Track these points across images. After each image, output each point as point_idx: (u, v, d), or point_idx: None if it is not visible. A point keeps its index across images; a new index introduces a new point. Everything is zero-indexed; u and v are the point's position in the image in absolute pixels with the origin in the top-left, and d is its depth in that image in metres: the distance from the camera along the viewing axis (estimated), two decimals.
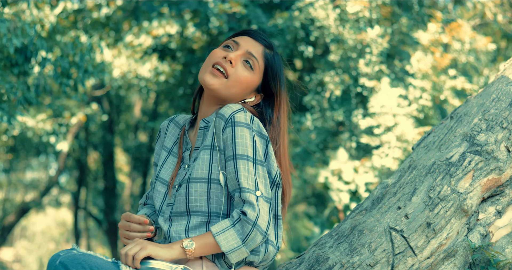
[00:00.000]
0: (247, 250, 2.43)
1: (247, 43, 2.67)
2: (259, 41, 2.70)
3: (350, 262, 2.74)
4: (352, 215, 3.01)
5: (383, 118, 8.10)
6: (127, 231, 2.58)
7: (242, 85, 2.63)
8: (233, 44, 2.67)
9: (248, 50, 2.64)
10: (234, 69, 2.60)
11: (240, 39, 2.69)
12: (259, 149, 2.49)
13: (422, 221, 2.78)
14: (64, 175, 21.04)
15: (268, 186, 2.48)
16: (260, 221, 2.40)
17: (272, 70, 2.69)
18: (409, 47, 8.97)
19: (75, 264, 2.32)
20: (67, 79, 6.65)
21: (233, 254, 2.43)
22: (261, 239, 2.43)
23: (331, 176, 8.38)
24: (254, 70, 2.64)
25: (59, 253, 2.38)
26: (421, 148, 3.13)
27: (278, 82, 2.71)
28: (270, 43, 2.73)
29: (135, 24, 11.05)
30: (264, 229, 2.41)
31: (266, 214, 2.42)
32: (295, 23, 8.80)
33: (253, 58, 2.64)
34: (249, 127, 2.48)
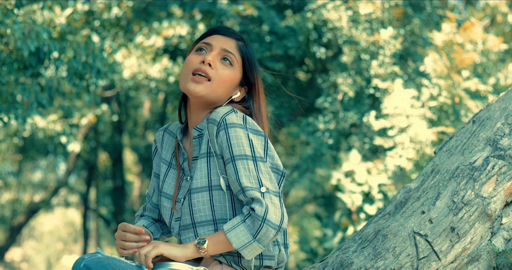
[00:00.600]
0: (260, 245, 2.40)
1: (219, 41, 2.63)
2: (230, 36, 2.66)
3: (374, 267, 2.74)
4: (375, 220, 3.01)
5: (396, 119, 8.10)
6: (123, 241, 2.54)
7: (227, 84, 2.60)
8: (205, 46, 2.63)
9: (222, 47, 2.61)
10: (214, 71, 2.56)
11: (211, 39, 2.64)
12: (256, 146, 2.45)
13: (446, 226, 2.78)
14: (73, 176, 21.08)
15: (274, 180, 2.44)
16: (269, 215, 2.36)
17: (249, 61, 2.66)
18: (422, 48, 8.97)
19: (100, 268, 2.32)
20: (80, 80, 6.66)
21: (245, 250, 2.41)
22: (275, 234, 2.39)
23: (343, 178, 8.37)
24: (233, 66, 2.61)
25: (84, 256, 2.39)
26: (444, 152, 3.13)
27: (255, 72, 2.68)
28: (240, 35, 2.70)
29: (145, 24, 11.07)
30: (277, 223, 2.37)
31: (277, 208, 2.39)
32: (308, 24, 8.81)
33: (230, 54, 2.60)
34: (243, 126, 2.45)
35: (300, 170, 9.85)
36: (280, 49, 9.54)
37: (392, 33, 8.41)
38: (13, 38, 5.96)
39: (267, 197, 2.38)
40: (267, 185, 2.40)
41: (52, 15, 7.98)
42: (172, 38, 10.41)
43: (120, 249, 2.54)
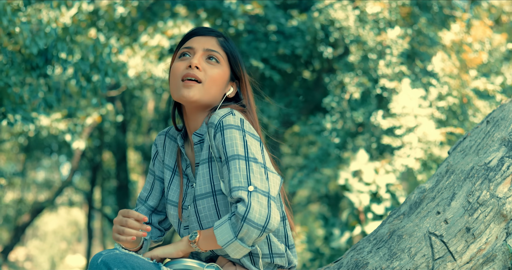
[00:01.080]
0: (243, 244, 2.34)
1: (200, 42, 2.59)
2: (209, 35, 2.63)
3: (390, 267, 2.74)
4: (389, 220, 3.00)
5: (404, 119, 8.10)
6: (122, 226, 2.44)
7: (218, 82, 2.57)
8: (187, 50, 2.59)
9: (204, 47, 2.57)
10: (203, 72, 2.53)
11: (191, 42, 2.61)
12: (251, 147, 2.40)
13: (461, 226, 2.78)
14: (77, 175, 21.10)
15: (265, 181, 2.37)
16: (251, 215, 2.28)
17: (233, 56, 2.63)
18: (429, 48, 8.97)
19: (117, 263, 2.32)
20: (88, 82, 6.67)
21: (228, 248, 2.36)
22: (258, 234, 2.31)
23: (351, 177, 8.37)
24: (220, 63, 2.58)
25: (101, 252, 2.38)
26: (458, 152, 3.13)
27: (240, 65, 2.65)
28: (219, 32, 2.66)
29: (150, 24, 11.08)
30: (260, 223, 2.29)
31: (263, 208, 2.31)
32: (315, 24, 8.82)
33: (214, 52, 2.57)
34: (239, 128, 2.41)
35: (307, 169, 9.85)
36: (287, 49, 9.55)
37: (400, 32, 8.41)
38: (21, 37, 5.97)
39: (254, 196, 2.31)
40: (256, 184, 2.33)
41: (58, 14, 7.99)
42: (177, 37, 10.41)
43: (117, 235, 2.44)
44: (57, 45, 6.32)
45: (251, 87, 2.72)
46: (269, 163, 2.47)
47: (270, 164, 2.48)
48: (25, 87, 6.45)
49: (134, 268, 2.34)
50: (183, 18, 10.40)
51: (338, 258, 2.99)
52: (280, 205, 2.56)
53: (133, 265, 2.34)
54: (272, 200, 2.35)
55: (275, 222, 2.32)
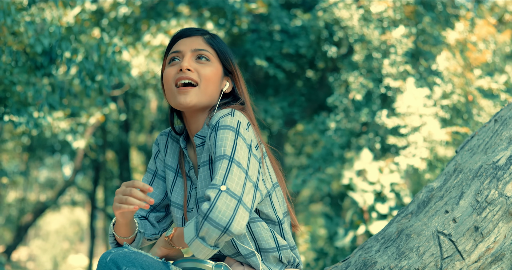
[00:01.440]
0: (204, 243, 2.29)
1: (186, 44, 2.57)
2: (194, 34, 2.60)
3: (398, 266, 2.73)
4: (397, 219, 3.00)
5: (409, 118, 8.10)
6: (126, 196, 2.35)
7: (213, 80, 2.54)
8: (176, 54, 2.56)
9: (192, 48, 2.54)
10: (196, 73, 2.51)
11: (178, 46, 2.58)
12: (239, 150, 2.35)
13: (470, 225, 2.77)
14: (80, 175, 21.12)
15: (241, 185, 2.30)
16: (213, 214, 2.23)
17: (221, 51, 2.59)
18: (433, 47, 8.97)
19: (126, 262, 2.31)
20: (92, 82, 6.67)
21: (192, 247, 2.33)
22: (219, 234, 2.25)
23: (355, 176, 8.37)
24: (211, 60, 2.55)
25: (110, 250, 2.37)
26: (466, 151, 3.12)
27: (230, 60, 2.62)
28: (204, 30, 2.64)
29: (153, 23, 11.08)
30: (222, 224, 2.23)
31: (229, 209, 2.25)
32: (319, 23, 8.82)
33: (202, 51, 2.54)
34: (234, 129, 2.37)
35: (311, 169, 9.85)
36: (291, 48, 9.55)
37: (404, 31, 8.41)
38: (26, 35, 5.97)
39: (222, 196, 2.26)
40: (230, 186, 2.28)
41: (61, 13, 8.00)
42: None
43: (118, 204, 2.36)
44: (62, 45, 6.32)
45: (243, 80, 2.68)
46: (253, 172, 2.39)
47: (255, 174, 2.40)
48: (30, 86, 6.44)
49: (143, 266, 2.33)
50: (186, 17, 10.40)
51: (346, 257, 2.98)
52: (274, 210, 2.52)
53: (142, 264, 2.33)
54: (242, 205, 2.28)
55: (238, 226, 2.26)
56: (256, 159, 2.42)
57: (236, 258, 2.54)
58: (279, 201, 2.56)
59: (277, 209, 2.53)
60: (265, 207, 2.50)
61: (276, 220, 2.52)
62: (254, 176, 2.38)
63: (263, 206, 2.49)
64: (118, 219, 2.46)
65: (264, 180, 2.48)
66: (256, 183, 2.38)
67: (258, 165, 2.42)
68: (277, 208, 2.53)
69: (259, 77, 10.99)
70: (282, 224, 2.55)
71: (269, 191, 2.50)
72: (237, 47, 10.51)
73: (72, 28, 6.79)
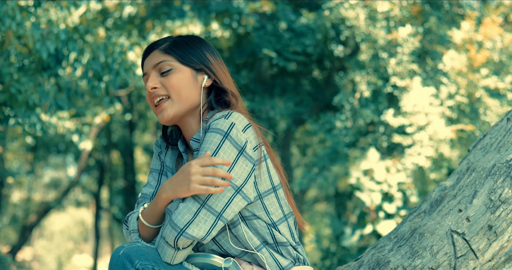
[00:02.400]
0: (166, 244, 2.33)
1: (148, 63, 2.56)
2: (152, 50, 2.57)
3: (412, 266, 2.73)
4: (410, 218, 3.00)
5: (415, 117, 8.09)
6: (208, 176, 2.31)
7: (183, 85, 2.51)
8: (145, 77, 2.57)
9: (151, 65, 2.53)
10: (162, 87, 2.50)
11: (144, 67, 2.58)
12: (221, 154, 2.33)
13: (483, 224, 2.77)
14: (84, 175, 21.14)
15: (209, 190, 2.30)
16: (174, 216, 2.30)
17: (181, 54, 2.54)
18: (440, 46, 8.96)
19: (139, 256, 2.32)
20: (99, 82, 6.67)
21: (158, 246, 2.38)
22: (175, 235, 2.28)
23: (362, 176, 8.36)
24: (174, 67, 2.51)
25: (123, 245, 2.38)
26: (478, 150, 3.11)
27: (194, 57, 2.56)
28: (159, 43, 2.59)
29: (159, 23, 11.09)
30: (180, 226, 2.28)
31: (189, 212, 2.29)
32: (326, 22, 8.82)
33: (160, 63, 2.52)
34: (222, 132, 2.35)
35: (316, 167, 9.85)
36: (298, 46, 9.55)
37: (411, 30, 8.40)
38: (32, 40, 5.97)
39: (187, 200, 2.31)
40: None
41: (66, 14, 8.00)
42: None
43: (198, 186, 2.30)
44: (68, 45, 6.32)
45: (221, 67, 2.61)
46: (239, 175, 2.37)
47: (240, 177, 2.38)
48: (36, 88, 6.44)
49: (156, 261, 2.35)
50: (191, 17, 10.41)
51: (359, 256, 2.98)
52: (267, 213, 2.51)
53: (155, 258, 2.35)
54: (206, 210, 2.31)
55: (197, 229, 2.29)
56: (250, 161, 2.40)
57: (244, 257, 2.54)
58: (280, 203, 2.54)
59: (271, 211, 2.51)
60: (257, 210, 2.48)
61: (270, 222, 2.51)
62: (239, 180, 2.37)
63: (255, 209, 2.48)
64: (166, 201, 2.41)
65: (257, 183, 2.46)
66: (239, 186, 2.38)
67: (251, 167, 2.41)
68: (272, 210, 2.51)
69: (266, 77, 11.00)
70: (277, 226, 2.52)
71: (261, 194, 2.48)
72: (243, 46, 10.51)
73: (78, 29, 6.79)
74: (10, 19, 5.66)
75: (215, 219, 2.33)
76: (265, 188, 2.49)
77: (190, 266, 2.43)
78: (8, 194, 19.35)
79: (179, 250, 2.34)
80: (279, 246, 2.52)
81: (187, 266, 2.43)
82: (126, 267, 2.31)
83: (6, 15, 5.63)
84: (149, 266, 2.32)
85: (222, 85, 2.57)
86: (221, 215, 2.34)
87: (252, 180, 2.43)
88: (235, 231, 2.49)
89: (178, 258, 2.38)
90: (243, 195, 2.40)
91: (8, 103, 6.38)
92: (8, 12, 5.65)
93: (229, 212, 2.37)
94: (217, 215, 2.33)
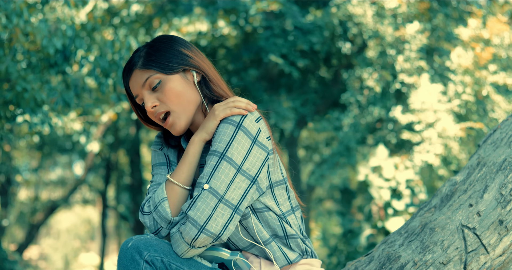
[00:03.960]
0: (182, 239, 2.33)
1: (134, 85, 2.53)
2: (131, 72, 2.53)
3: (422, 260, 2.72)
4: (420, 213, 2.99)
5: (423, 114, 8.08)
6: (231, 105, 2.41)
7: (178, 93, 2.49)
8: (138, 99, 2.54)
9: (139, 85, 2.50)
10: (161, 104, 2.49)
11: (132, 90, 2.55)
12: (234, 145, 2.35)
13: (494, 219, 2.76)
14: (91, 173, 21.17)
15: (226, 183, 2.32)
16: (191, 212, 2.29)
17: (160, 65, 2.49)
18: (448, 43, 8.95)
19: (148, 247, 2.32)
20: (106, 79, 6.67)
21: (172, 238, 2.37)
22: (196, 233, 2.28)
23: (371, 173, 8.36)
24: (162, 80, 2.48)
25: (132, 237, 2.38)
26: (488, 144, 3.11)
27: (172, 60, 2.52)
28: (132, 62, 2.54)
29: (165, 21, 11.09)
30: (200, 223, 2.28)
31: (208, 208, 2.29)
32: (333, 19, 8.81)
33: (147, 81, 2.48)
34: (235, 123, 2.37)
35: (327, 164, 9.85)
36: (305, 45, 9.55)
37: (418, 27, 8.39)
38: (39, 36, 5.97)
39: (204, 195, 2.31)
40: (213, 184, 2.32)
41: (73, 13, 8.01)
42: (192, 35, 10.40)
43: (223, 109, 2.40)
44: (76, 43, 6.32)
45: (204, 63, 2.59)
46: (253, 165, 2.39)
47: (255, 166, 2.39)
48: (43, 85, 6.45)
49: (165, 252, 2.35)
50: (198, 15, 10.41)
51: (369, 251, 2.98)
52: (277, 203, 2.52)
53: (164, 250, 2.35)
54: (223, 204, 2.31)
55: (216, 224, 2.29)
56: (264, 150, 2.42)
57: (252, 249, 2.55)
58: (288, 195, 2.56)
59: (281, 202, 2.53)
60: (268, 200, 2.49)
61: (280, 213, 2.51)
62: (253, 168, 2.39)
63: (266, 199, 2.49)
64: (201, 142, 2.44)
65: (271, 172, 2.48)
66: (254, 176, 2.39)
67: (265, 156, 2.42)
68: (281, 202, 2.53)
69: (273, 75, 10.99)
70: (287, 217, 2.54)
71: (272, 184, 2.50)
72: (250, 44, 10.51)
73: (85, 26, 6.79)
74: (18, 17, 5.67)
75: (232, 213, 2.33)
76: (277, 178, 2.50)
77: (199, 259, 2.44)
78: (15, 192, 19.39)
79: (194, 248, 2.34)
80: (289, 239, 2.53)
81: (196, 259, 2.43)
82: (135, 259, 2.31)
83: (13, 12, 5.64)
84: (157, 257, 2.32)
85: (208, 74, 2.57)
86: (238, 208, 2.35)
87: (265, 170, 2.44)
88: (245, 223, 2.49)
89: (188, 254, 2.38)
90: (257, 186, 2.42)
91: (15, 100, 6.40)
92: (16, 9, 5.66)
93: (245, 204, 2.38)
94: (234, 208, 2.34)
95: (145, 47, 2.56)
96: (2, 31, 5.61)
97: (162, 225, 2.42)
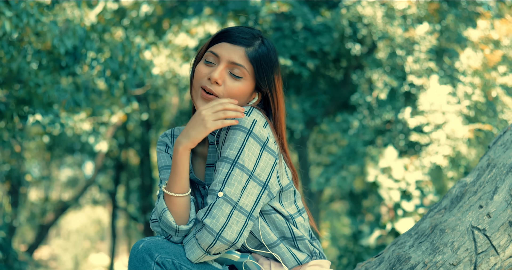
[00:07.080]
0: (197, 245, 2.34)
1: (227, 52, 2.47)
2: (238, 44, 2.47)
3: (433, 262, 2.72)
4: (430, 214, 3.00)
5: (432, 115, 8.07)
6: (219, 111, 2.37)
7: (238, 96, 2.48)
8: (213, 57, 2.48)
9: (229, 60, 2.46)
10: (222, 87, 2.45)
11: (219, 48, 2.48)
12: (246, 152, 2.35)
13: (504, 220, 2.76)
14: (101, 174, 21.23)
15: (240, 190, 2.33)
16: (207, 220, 2.30)
17: (259, 68, 2.50)
18: (457, 44, 8.93)
19: (159, 249, 2.34)
20: (116, 80, 6.70)
21: (187, 245, 2.38)
22: (213, 240, 2.30)
23: (380, 174, 8.35)
24: (243, 77, 2.47)
25: (143, 239, 2.40)
26: (499, 146, 3.10)
27: (266, 79, 2.53)
28: (250, 40, 2.50)
29: (175, 22, 11.10)
30: (216, 230, 2.29)
31: (223, 216, 2.30)
32: (343, 21, 8.81)
33: (238, 66, 2.46)
34: (245, 130, 2.37)
35: (334, 167, 9.85)
36: (315, 46, 9.55)
37: (428, 28, 8.38)
38: (50, 36, 6.00)
39: (219, 202, 2.31)
40: (227, 192, 2.32)
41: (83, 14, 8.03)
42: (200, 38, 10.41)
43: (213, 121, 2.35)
44: (86, 44, 6.35)
45: (282, 98, 2.62)
46: (263, 170, 2.40)
47: (265, 172, 2.40)
48: (54, 86, 6.48)
49: (176, 254, 2.36)
50: (208, 16, 10.41)
51: (379, 253, 2.98)
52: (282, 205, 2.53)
53: (175, 252, 2.36)
54: (237, 211, 2.32)
55: (231, 232, 2.31)
56: (273, 155, 2.43)
57: (261, 249, 2.55)
58: (295, 197, 2.58)
59: (287, 204, 2.54)
60: (275, 202, 2.50)
61: (286, 214, 2.52)
62: (263, 174, 2.40)
63: (273, 201, 2.50)
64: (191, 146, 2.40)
65: (280, 176, 2.49)
66: (265, 182, 2.40)
67: (273, 161, 2.43)
68: (288, 204, 2.54)
69: (282, 76, 10.94)
70: (294, 219, 2.55)
71: (283, 188, 2.51)
72: None
73: (96, 27, 6.82)
74: (28, 16, 5.69)
75: (246, 219, 2.35)
76: (285, 182, 2.52)
77: (210, 261, 2.45)
78: (26, 192, 19.46)
79: (208, 255, 2.36)
80: (297, 240, 2.54)
81: (207, 261, 2.44)
82: (146, 261, 2.33)
83: (24, 11, 5.66)
84: (168, 259, 2.34)
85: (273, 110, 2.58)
86: (251, 215, 2.37)
87: (275, 174, 2.45)
88: (253, 226, 2.51)
89: (202, 260, 2.39)
90: (269, 191, 2.44)
91: (27, 98, 6.43)
92: (26, 8, 5.68)
93: (257, 210, 2.39)
94: (248, 215, 2.36)
95: (263, 45, 2.53)
96: (13, 30, 5.63)
97: (170, 233, 2.43)
